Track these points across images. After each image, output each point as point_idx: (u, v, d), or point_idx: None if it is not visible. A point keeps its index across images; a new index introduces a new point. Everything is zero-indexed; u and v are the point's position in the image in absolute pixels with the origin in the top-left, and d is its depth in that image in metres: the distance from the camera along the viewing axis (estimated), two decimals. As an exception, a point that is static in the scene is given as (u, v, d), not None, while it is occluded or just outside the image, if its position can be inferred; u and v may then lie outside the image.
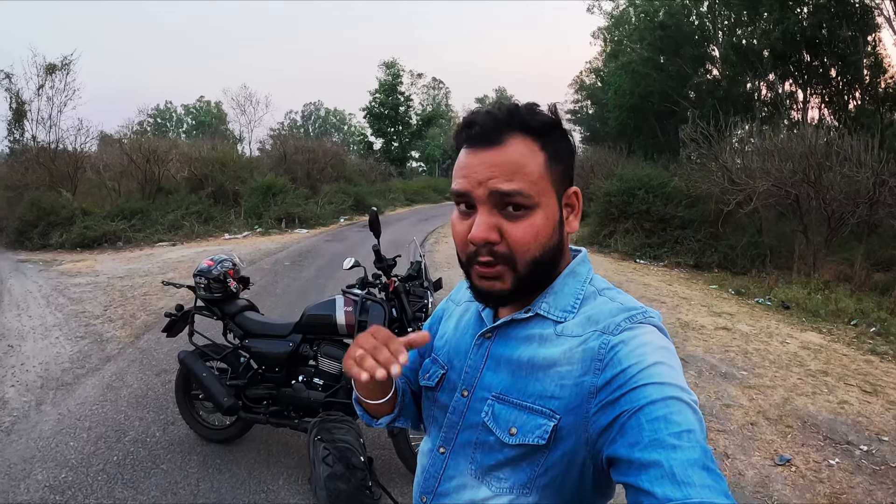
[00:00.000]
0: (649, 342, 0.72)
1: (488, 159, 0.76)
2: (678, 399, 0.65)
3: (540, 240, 0.77)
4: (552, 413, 0.74)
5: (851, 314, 6.67)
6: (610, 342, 0.73)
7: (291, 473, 3.01)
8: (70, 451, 3.28)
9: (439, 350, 0.96)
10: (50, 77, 17.24)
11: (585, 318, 0.78)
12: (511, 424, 0.77)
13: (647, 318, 0.76)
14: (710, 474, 0.59)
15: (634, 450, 0.63)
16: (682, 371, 0.71)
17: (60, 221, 13.12)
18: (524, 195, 0.75)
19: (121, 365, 4.73)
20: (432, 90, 56.53)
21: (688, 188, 11.71)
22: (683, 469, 0.58)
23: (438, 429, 0.88)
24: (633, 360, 0.70)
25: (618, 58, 25.16)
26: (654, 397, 0.65)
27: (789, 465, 3.24)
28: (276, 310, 6.45)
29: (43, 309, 6.83)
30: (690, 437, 0.61)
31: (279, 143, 24.60)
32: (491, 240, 0.76)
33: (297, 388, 2.93)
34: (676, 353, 0.74)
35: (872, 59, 16.23)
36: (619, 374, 0.69)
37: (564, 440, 0.73)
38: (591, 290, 0.83)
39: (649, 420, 0.64)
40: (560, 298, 0.82)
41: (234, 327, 3.14)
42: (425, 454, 0.92)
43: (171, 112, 61.99)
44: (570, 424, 0.73)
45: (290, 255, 10.67)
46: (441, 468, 0.86)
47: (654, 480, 0.59)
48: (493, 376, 0.82)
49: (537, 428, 0.74)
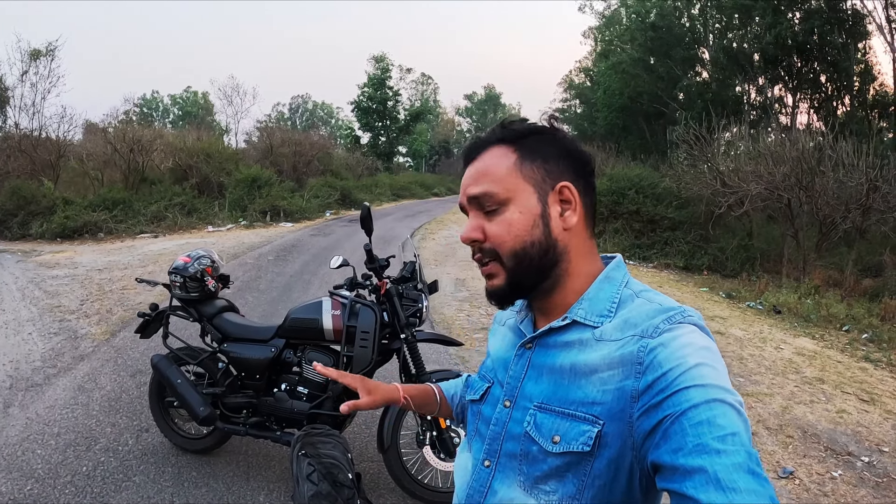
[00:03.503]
0: (690, 343, 0.70)
1: (469, 172, 0.85)
2: (722, 401, 0.63)
3: (514, 231, 0.80)
4: (595, 419, 0.73)
5: (843, 320, 6.65)
6: (649, 345, 0.72)
7: (273, 489, 2.82)
8: (37, 461, 3.07)
9: (486, 366, 0.98)
10: (34, 63, 16.89)
11: (623, 321, 0.78)
12: (554, 433, 0.76)
13: (686, 317, 0.75)
14: (755, 479, 0.57)
15: (678, 455, 0.61)
16: (727, 371, 0.69)
17: (41, 211, 12.80)
18: (490, 194, 0.81)
19: (94, 364, 4.50)
20: (421, 85, 56.22)
21: (678, 189, 11.67)
22: (728, 474, 0.57)
23: (482, 441, 0.88)
24: (674, 362, 0.68)
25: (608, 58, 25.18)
26: (696, 400, 0.64)
27: (792, 478, 3.14)
28: (259, 307, 6.25)
29: (17, 302, 6.56)
30: (735, 440, 0.60)
31: (265, 135, 24.31)
32: (474, 238, 0.82)
33: (280, 398, 2.74)
34: (719, 353, 0.72)
35: (862, 66, 16.34)
36: (660, 377, 0.68)
37: (609, 446, 0.72)
38: (628, 293, 0.83)
39: (693, 424, 0.62)
40: (596, 303, 0.82)
41: (212, 330, 2.94)
42: (466, 470, 0.91)
43: (157, 102, 60.95)
44: (614, 430, 0.72)
45: (275, 250, 10.43)
46: (486, 482, 0.85)
47: (699, 487, 0.58)
48: (534, 386, 0.82)
49: (581, 434, 0.74)
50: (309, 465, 2.26)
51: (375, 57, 37.67)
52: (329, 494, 2.21)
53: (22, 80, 16.86)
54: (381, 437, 2.60)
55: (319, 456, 2.30)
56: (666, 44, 20.92)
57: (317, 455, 2.31)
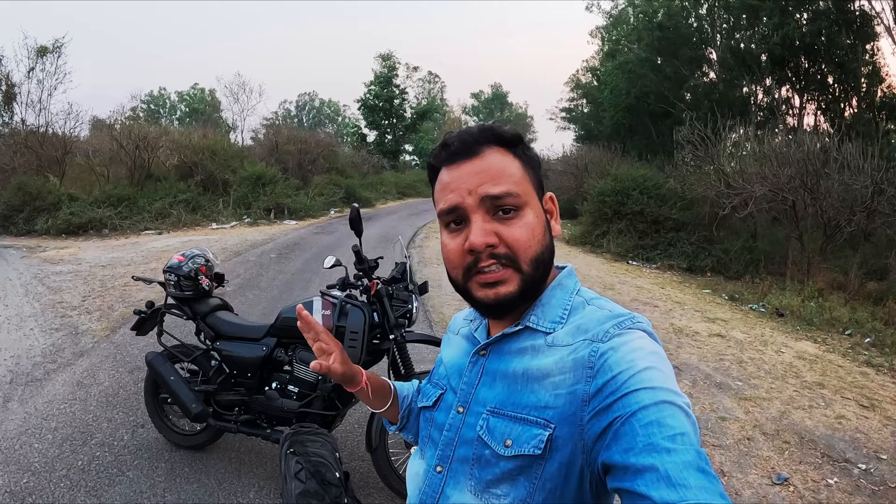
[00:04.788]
0: (639, 347, 0.72)
1: (472, 169, 0.80)
2: (670, 403, 0.65)
3: (537, 236, 0.80)
4: (547, 423, 0.74)
5: (846, 324, 6.59)
6: (599, 349, 0.73)
7: (263, 485, 2.83)
8: (34, 454, 3.10)
9: (439, 374, 0.98)
10: (41, 60, 16.98)
11: (574, 327, 0.79)
12: (506, 436, 0.77)
13: (635, 323, 0.77)
14: (705, 476, 0.59)
15: (629, 455, 0.62)
16: (674, 375, 0.71)
17: (46, 207, 12.89)
18: (513, 195, 0.78)
19: (93, 360, 4.53)
20: (428, 84, 56.23)
21: (683, 190, 11.61)
22: (679, 471, 0.58)
23: (435, 447, 0.88)
24: (623, 365, 0.70)
25: (615, 57, 25.05)
26: (646, 402, 0.65)
27: (787, 485, 3.11)
28: (259, 305, 6.26)
29: (20, 298, 6.62)
30: (684, 439, 0.61)
31: (271, 133, 24.36)
32: (491, 242, 0.78)
33: (270, 396, 2.74)
34: (667, 357, 0.74)
35: (870, 67, 16.21)
36: (610, 380, 0.69)
37: (560, 450, 0.73)
38: (579, 300, 0.85)
39: (642, 425, 0.63)
40: (548, 310, 0.83)
41: (205, 328, 2.95)
42: (420, 476, 0.91)
43: (164, 98, 61.11)
44: (565, 434, 0.73)
45: (278, 247, 10.46)
46: (439, 488, 0.85)
47: (651, 484, 0.59)
48: (488, 391, 0.83)
49: (532, 438, 0.74)
50: (297, 463, 2.27)
51: (382, 55, 37.75)
52: (316, 493, 2.21)
53: (29, 77, 16.97)
54: (370, 436, 2.61)
55: (308, 454, 2.31)
56: (673, 44, 20.80)
57: (305, 453, 2.31)
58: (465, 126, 1.25)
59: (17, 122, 17.07)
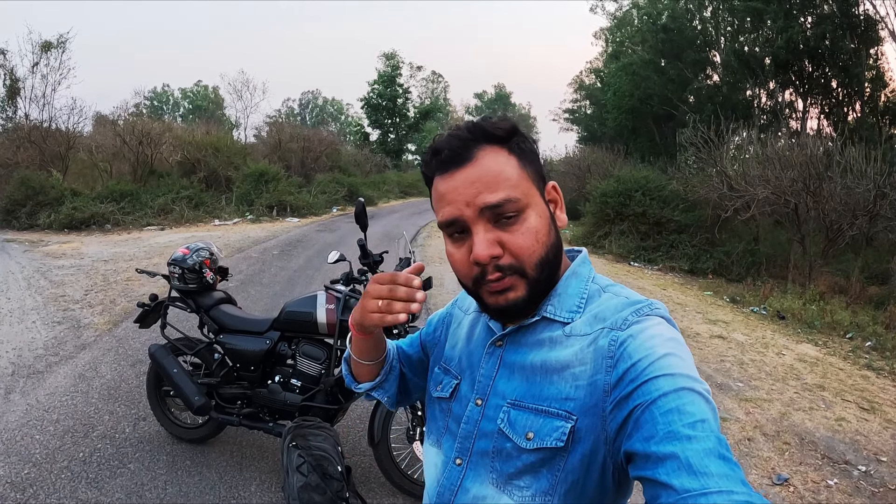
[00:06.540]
0: (658, 334, 0.72)
1: (467, 177, 0.76)
2: (690, 389, 0.65)
3: (541, 239, 0.77)
4: (569, 414, 0.74)
5: (847, 327, 6.59)
6: (619, 338, 0.73)
7: (265, 479, 2.84)
8: (35, 446, 3.11)
9: (451, 360, 0.95)
10: (45, 55, 16.98)
11: (592, 316, 0.78)
12: (528, 429, 0.76)
13: (653, 309, 0.76)
14: (726, 463, 0.58)
15: (650, 443, 0.62)
16: (693, 360, 0.71)
17: (49, 201, 12.89)
18: (513, 200, 0.75)
19: (95, 353, 4.54)
20: (431, 83, 56.18)
21: (685, 192, 11.61)
22: (700, 459, 0.58)
23: (453, 440, 0.87)
24: (642, 353, 0.69)
25: (619, 59, 24.98)
26: (665, 389, 0.65)
27: (787, 485, 3.12)
28: (262, 300, 6.27)
29: (23, 291, 6.63)
30: (704, 426, 0.61)
31: (274, 130, 24.36)
32: (495, 254, 0.76)
33: (273, 389, 2.75)
34: (685, 343, 0.73)
35: (874, 72, 16.16)
36: (629, 368, 0.69)
37: (583, 441, 0.73)
38: (595, 288, 0.83)
39: (663, 412, 0.63)
40: (565, 300, 0.82)
41: (209, 321, 2.95)
42: (438, 467, 0.89)
43: (167, 95, 61.13)
44: (587, 425, 0.72)
45: (280, 244, 10.48)
46: (458, 480, 0.84)
47: (672, 472, 0.58)
48: (506, 384, 0.82)
49: (554, 430, 0.74)
50: (299, 456, 2.28)
51: (386, 54, 37.79)
52: (318, 486, 2.22)
53: (33, 72, 16.96)
54: (372, 431, 2.62)
55: (310, 448, 2.31)
56: (677, 46, 20.75)
57: (307, 447, 2.32)
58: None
59: (21, 116, 17.11)
